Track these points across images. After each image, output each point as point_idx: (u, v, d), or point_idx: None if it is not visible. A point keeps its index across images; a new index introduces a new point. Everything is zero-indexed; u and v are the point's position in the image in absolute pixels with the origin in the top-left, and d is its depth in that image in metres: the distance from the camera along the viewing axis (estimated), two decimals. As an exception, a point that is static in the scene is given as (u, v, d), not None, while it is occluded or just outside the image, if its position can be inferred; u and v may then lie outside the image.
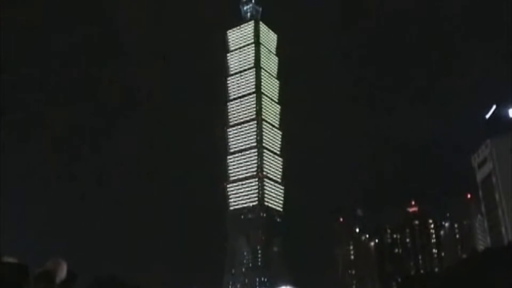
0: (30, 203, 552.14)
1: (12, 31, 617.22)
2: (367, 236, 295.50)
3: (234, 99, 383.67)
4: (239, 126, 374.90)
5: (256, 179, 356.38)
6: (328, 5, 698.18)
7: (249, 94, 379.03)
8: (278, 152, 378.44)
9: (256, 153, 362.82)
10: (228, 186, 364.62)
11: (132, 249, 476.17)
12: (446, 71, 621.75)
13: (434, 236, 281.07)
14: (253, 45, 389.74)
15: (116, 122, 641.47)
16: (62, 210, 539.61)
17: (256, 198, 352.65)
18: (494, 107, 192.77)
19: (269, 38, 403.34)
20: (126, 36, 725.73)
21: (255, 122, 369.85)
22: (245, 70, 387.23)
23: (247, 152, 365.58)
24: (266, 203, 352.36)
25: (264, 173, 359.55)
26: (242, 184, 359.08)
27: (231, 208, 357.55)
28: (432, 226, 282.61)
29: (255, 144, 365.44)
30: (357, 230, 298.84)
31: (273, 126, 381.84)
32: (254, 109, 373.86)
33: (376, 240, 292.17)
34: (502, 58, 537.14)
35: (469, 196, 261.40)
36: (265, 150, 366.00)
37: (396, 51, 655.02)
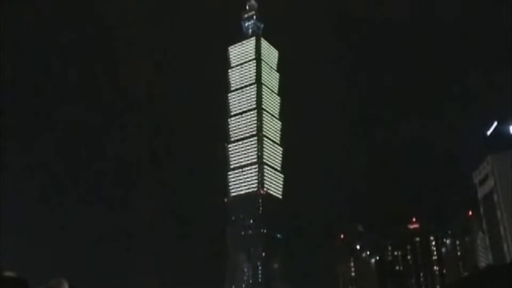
0: (29, 206, 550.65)
1: (10, 31, 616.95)
2: (368, 253, 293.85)
3: (235, 115, 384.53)
4: (240, 142, 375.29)
5: (257, 195, 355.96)
6: (327, 18, 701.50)
7: (250, 110, 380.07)
8: (278, 168, 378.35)
9: (256, 169, 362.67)
10: (228, 202, 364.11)
11: (131, 260, 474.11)
12: (445, 87, 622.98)
13: (435, 253, 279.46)
14: (254, 61, 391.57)
15: (115, 126, 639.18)
16: (59, 213, 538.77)
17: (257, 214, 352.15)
18: (495, 123, 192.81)
19: (270, 54, 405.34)
20: (126, 41, 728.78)
21: (256, 138, 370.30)
22: (246, 86, 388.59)
23: (248, 168, 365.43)
24: (266, 219, 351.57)
25: (265, 189, 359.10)
26: (242, 200, 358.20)
27: (232, 223, 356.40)
28: (433, 243, 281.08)
29: (255, 160, 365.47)
30: (358, 246, 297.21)
31: (274, 142, 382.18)
32: (255, 125, 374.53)
33: (377, 257, 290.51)
34: (503, 74, 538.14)
35: (470, 213, 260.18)
36: (265, 166, 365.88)
37: (398, 65, 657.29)
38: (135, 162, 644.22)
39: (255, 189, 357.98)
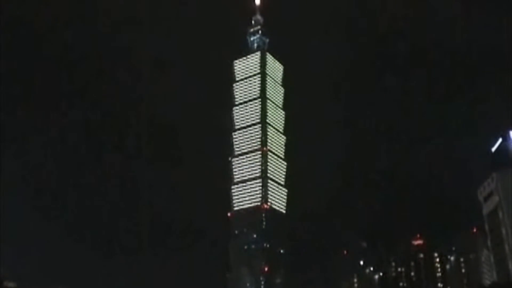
0: (28, 208, 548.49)
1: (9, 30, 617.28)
2: (371, 269, 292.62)
3: (239, 129, 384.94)
4: (244, 156, 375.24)
5: (260, 210, 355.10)
6: (333, 34, 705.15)
7: (254, 124, 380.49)
8: (282, 183, 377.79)
9: (260, 184, 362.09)
10: (231, 216, 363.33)
11: (132, 272, 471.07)
12: (448, 101, 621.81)
13: (439, 269, 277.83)
14: (259, 75, 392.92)
15: (114, 131, 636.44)
16: (59, 217, 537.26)
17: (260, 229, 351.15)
18: (500, 140, 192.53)
19: (275, 68, 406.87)
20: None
21: (260, 152, 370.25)
22: (250, 100, 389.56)
23: (251, 183, 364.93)
24: (269, 234, 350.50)
25: (269, 203, 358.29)
26: (246, 214, 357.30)
27: (235, 238, 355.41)
28: (437, 259, 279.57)
29: (259, 174, 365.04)
30: (361, 262, 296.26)
31: (278, 156, 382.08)
32: (259, 139, 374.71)
33: (380, 273, 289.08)
34: (507, 89, 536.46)
35: (475, 229, 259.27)
36: (269, 181, 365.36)
37: (404, 79, 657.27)
38: (136, 169, 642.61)
39: (259, 203, 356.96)
